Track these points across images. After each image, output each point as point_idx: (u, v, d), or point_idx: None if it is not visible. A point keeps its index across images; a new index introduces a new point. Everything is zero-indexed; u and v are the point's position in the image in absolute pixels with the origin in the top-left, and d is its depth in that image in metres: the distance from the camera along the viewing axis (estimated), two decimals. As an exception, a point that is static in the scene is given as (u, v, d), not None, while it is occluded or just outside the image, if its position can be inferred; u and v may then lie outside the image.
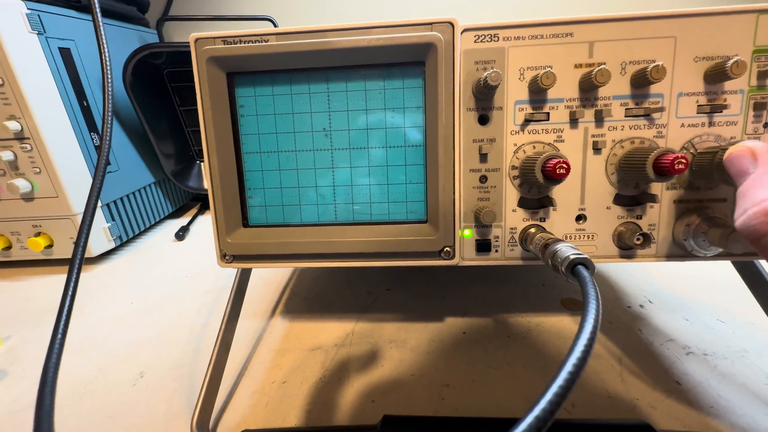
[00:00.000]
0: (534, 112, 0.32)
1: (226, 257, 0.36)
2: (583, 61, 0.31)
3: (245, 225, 0.37)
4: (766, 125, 0.31)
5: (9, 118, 0.57)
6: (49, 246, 0.65)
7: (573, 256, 0.24)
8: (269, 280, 0.59)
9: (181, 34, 0.98)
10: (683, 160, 0.27)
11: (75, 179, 0.63)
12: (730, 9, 0.30)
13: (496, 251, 0.35)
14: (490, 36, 0.31)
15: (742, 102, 0.31)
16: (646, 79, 0.30)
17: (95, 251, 0.67)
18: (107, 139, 0.36)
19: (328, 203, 0.36)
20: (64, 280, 0.29)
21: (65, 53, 0.62)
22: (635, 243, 0.32)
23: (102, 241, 0.68)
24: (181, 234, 0.77)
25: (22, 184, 0.59)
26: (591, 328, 0.17)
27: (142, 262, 0.69)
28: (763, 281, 0.36)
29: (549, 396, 0.15)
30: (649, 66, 0.29)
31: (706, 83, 0.31)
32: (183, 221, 0.87)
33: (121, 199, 0.73)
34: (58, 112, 0.61)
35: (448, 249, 0.34)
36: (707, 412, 0.33)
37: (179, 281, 0.61)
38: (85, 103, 0.66)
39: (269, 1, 0.97)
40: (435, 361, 0.41)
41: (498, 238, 0.35)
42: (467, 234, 0.35)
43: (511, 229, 0.34)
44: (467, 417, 0.33)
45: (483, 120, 0.33)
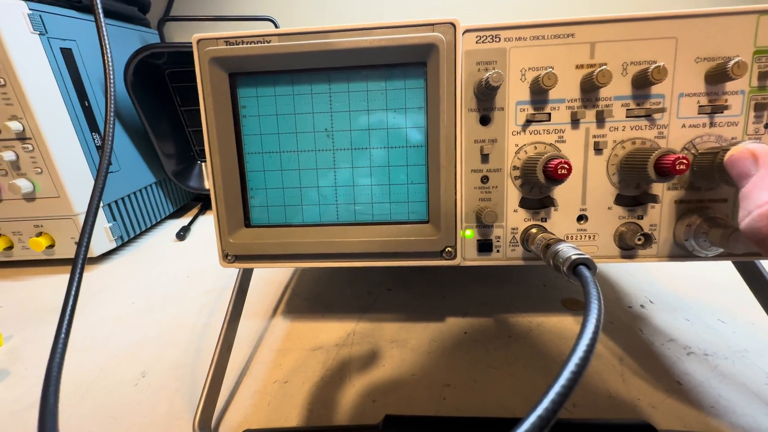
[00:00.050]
0: (535, 112, 0.32)
1: (228, 257, 0.36)
2: (585, 61, 0.31)
3: (247, 225, 0.37)
4: (767, 126, 0.31)
5: (11, 118, 0.57)
6: (51, 246, 0.65)
7: (575, 257, 0.24)
8: (270, 281, 0.59)
9: (182, 34, 0.98)
10: (684, 161, 0.27)
11: (76, 179, 0.63)
12: (730, 10, 0.30)
13: (498, 251, 0.35)
14: (491, 37, 0.32)
15: (742, 103, 0.31)
16: (648, 80, 0.30)
17: (97, 251, 0.67)
18: (109, 140, 0.36)
19: (330, 203, 0.36)
20: (66, 279, 0.29)
21: (67, 53, 0.62)
22: (636, 243, 0.32)
23: (103, 241, 0.68)
24: (182, 234, 0.77)
25: (23, 184, 0.60)
26: (593, 327, 0.17)
27: (144, 262, 0.69)
28: (763, 281, 0.36)
29: (552, 395, 0.15)
30: (651, 67, 0.29)
31: (707, 84, 0.31)
32: (184, 221, 0.87)
33: (123, 199, 0.73)
34: (60, 113, 0.61)
35: (449, 249, 0.34)
36: (708, 411, 0.33)
37: (180, 281, 0.61)
38: (87, 104, 0.66)
39: (270, 2, 0.97)
40: (436, 361, 0.41)
41: (499, 238, 0.35)
42: (469, 234, 0.35)
43: (513, 229, 0.34)
44: (468, 417, 0.33)
45: (484, 120, 0.33)
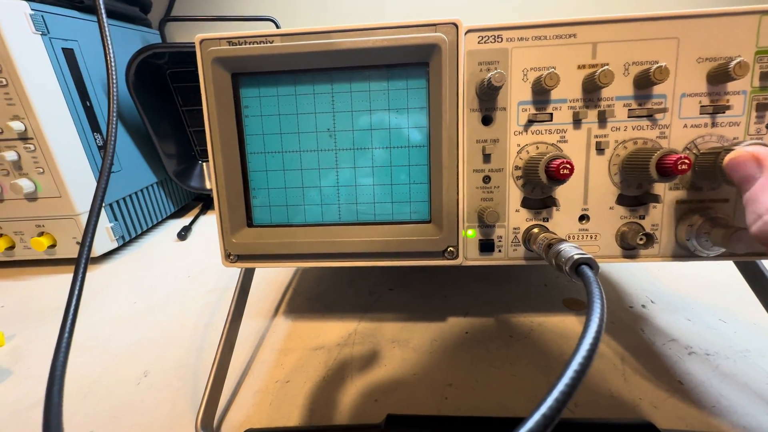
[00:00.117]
0: (537, 112, 0.32)
1: (231, 257, 0.36)
2: (587, 61, 0.31)
3: (249, 225, 0.37)
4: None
5: (13, 118, 0.57)
6: (52, 246, 0.65)
7: (577, 256, 0.24)
8: (272, 280, 0.59)
9: (184, 34, 0.98)
10: (686, 161, 0.27)
11: (78, 179, 0.63)
12: (732, 10, 0.30)
13: (500, 251, 0.35)
14: (493, 37, 0.32)
15: (744, 103, 0.31)
16: (649, 80, 0.30)
17: (98, 251, 0.67)
18: (112, 140, 0.36)
19: (332, 203, 0.36)
20: (67, 279, 0.29)
21: (68, 54, 0.63)
22: (638, 243, 0.32)
23: (105, 241, 0.68)
24: (183, 234, 0.78)
25: (25, 184, 0.60)
26: (596, 327, 0.17)
27: (145, 262, 0.69)
28: (765, 281, 0.36)
29: (555, 394, 0.15)
30: (652, 67, 0.29)
31: (708, 84, 0.31)
32: (185, 221, 0.87)
33: (124, 199, 0.73)
34: (62, 113, 0.61)
35: (451, 249, 0.34)
36: (709, 411, 0.33)
37: (182, 281, 0.61)
38: (88, 104, 0.66)
39: (271, 2, 0.97)
40: (437, 361, 0.41)
41: (501, 238, 0.35)
42: (471, 234, 0.35)
43: (515, 229, 0.34)
44: (470, 416, 0.33)
45: (486, 120, 0.33)
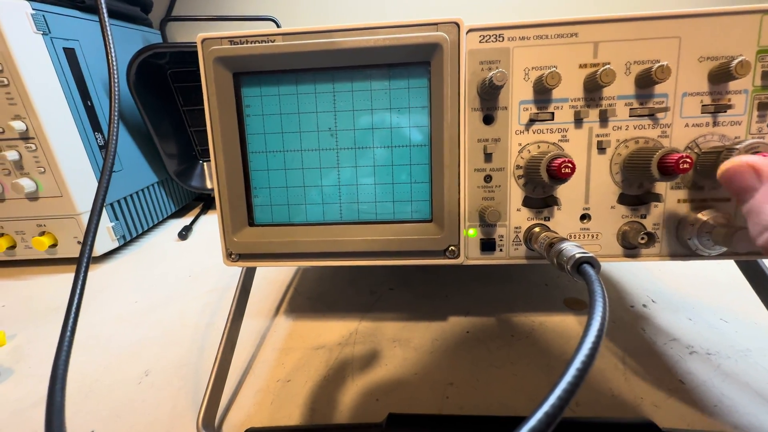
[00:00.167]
0: (539, 111, 0.32)
1: (232, 256, 0.36)
2: (588, 61, 0.31)
3: (251, 224, 0.37)
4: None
5: (14, 117, 0.57)
6: (54, 245, 0.65)
7: (579, 255, 0.24)
8: (272, 280, 0.59)
9: (184, 34, 0.98)
10: (688, 160, 0.27)
11: (79, 179, 0.63)
12: (734, 9, 0.30)
13: (501, 250, 0.35)
14: (495, 36, 0.32)
15: (746, 102, 0.31)
16: (651, 79, 0.30)
17: (99, 251, 0.67)
18: (114, 140, 0.37)
19: (334, 202, 0.36)
20: (68, 279, 0.29)
21: (70, 53, 0.63)
22: (639, 242, 0.32)
23: (106, 240, 0.68)
24: (184, 233, 0.78)
25: (26, 184, 0.60)
26: (598, 325, 0.17)
27: (146, 262, 0.69)
28: (766, 280, 0.36)
29: (558, 393, 0.15)
30: (654, 66, 0.29)
31: (710, 83, 0.31)
32: (186, 221, 0.87)
33: (125, 198, 0.73)
34: (63, 112, 0.61)
35: (453, 248, 0.35)
36: (711, 411, 0.33)
37: (183, 280, 0.61)
38: (89, 103, 0.66)
39: (272, 2, 0.97)
40: (438, 360, 0.41)
41: (502, 237, 0.35)
42: (472, 233, 0.35)
43: (516, 228, 0.34)
44: (471, 415, 0.33)
45: (488, 120, 0.33)
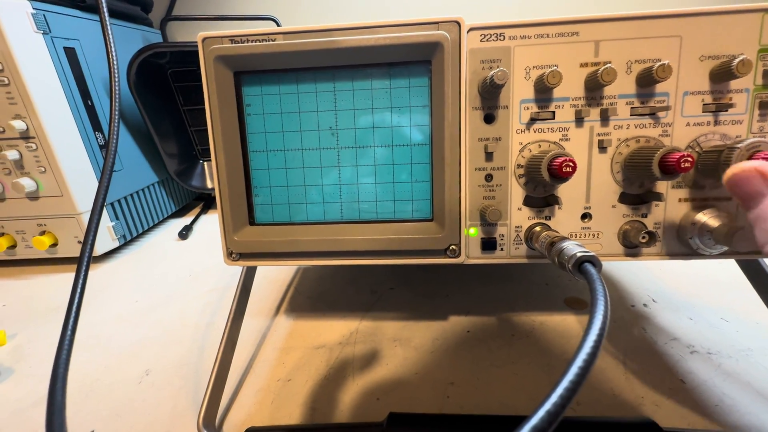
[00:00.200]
0: (539, 110, 0.32)
1: (233, 255, 0.36)
2: (589, 60, 0.31)
3: (251, 223, 0.37)
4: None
5: (14, 117, 0.57)
6: (54, 245, 0.65)
7: (580, 254, 0.24)
8: (273, 279, 0.59)
9: (185, 34, 0.98)
10: (689, 159, 0.27)
11: (79, 178, 0.63)
12: (735, 8, 0.30)
13: (502, 249, 0.35)
14: (496, 35, 0.32)
15: (747, 101, 0.31)
16: (652, 78, 0.30)
17: (99, 250, 0.67)
18: (114, 139, 0.36)
19: (334, 201, 0.36)
20: (68, 278, 0.29)
21: (70, 53, 0.63)
22: (640, 241, 0.32)
23: (106, 240, 0.68)
24: (184, 233, 0.78)
25: (27, 183, 0.60)
26: (600, 324, 0.17)
27: (146, 261, 0.69)
28: (767, 280, 0.36)
29: (560, 391, 0.15)
30: (655, 65, 0.29)
31: (711, 82, 0.31)
32: (186, 220, 0.87)
33: (125, 198, 0.73)
34: (63, 112, 0.61)
35: (453, 247, 0.34)
36: (712, 410, 0.33)
37: (183, 280, 0.61)
38: (90, 103, 0.66)
39: (272, 1, 0.97)
40: (439, 360, 0.41)
41: (503, 236, 0.35)
42: (473, 232, 0.35)
43: (517, 227, 0.34)
44: (472, 415, 0.33)
45: (489, 119, 0.33)
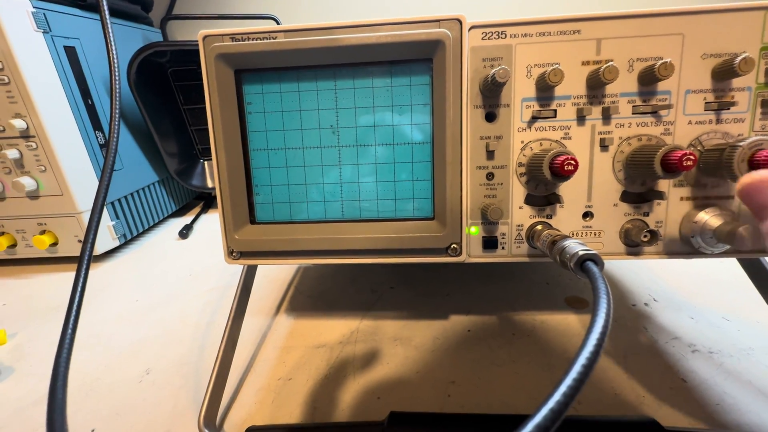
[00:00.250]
0: (541, 109, 0.32)
1: (234, 254, 0.36)
2: (591, 58, 0.31)
3: (252, 222, 0.37)
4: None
5: (15, 116, 0.57)
6: (54, 244, 0.65)
7: (582, 252, 0.24)
8: (273, 279, 0.59)
9: (185, 33, 0.98)
10: (692, 157, 0.27)
11: (80, 177, 0.63)
12: (737, 6, 0.30)
13: (503, 248, 0.35)
14: (497, 33, 0.31)
15: (749, 99, 0.31)
16: (654, 76, 0.30)
17: (100, 249, 0.67)
18: (115, 138, 0.36)
19: (335, 200, 0.36)
20: (69, 277, 0.29)
21: (70, 52, 0.62)
22: (642, 240, 0.32)
23: (106, 239, 0.68)
24: (184, 232, 0.78)
25: (27, 182, 0.60)
26: (603, 322, 0.17)
27: (146, 260, 0.69)
28: (769, 279, 0.36)
29: (563, 389, 0.15)
30: (657, 63, 0.29)
31: (713, 80, 0.31)
32: (186, 220, 0.87)
33: (126, 197, 0.73)
34: (64, 111, 0.61)
35: (455, 246, 0.34)
36: (713, 409, 0.33)
37: (183, 279, 0.61)
38: (90, 102, 0.66)
39: (273, 0, 0.97)
40: (440, 359, 0.41)
41: (504, 235, 0.35)
42: (474, 231, 0.35)
43: (518, 226, 0.34)
44: (473, 414, 0.33)
45: (490, 117, 0.33)
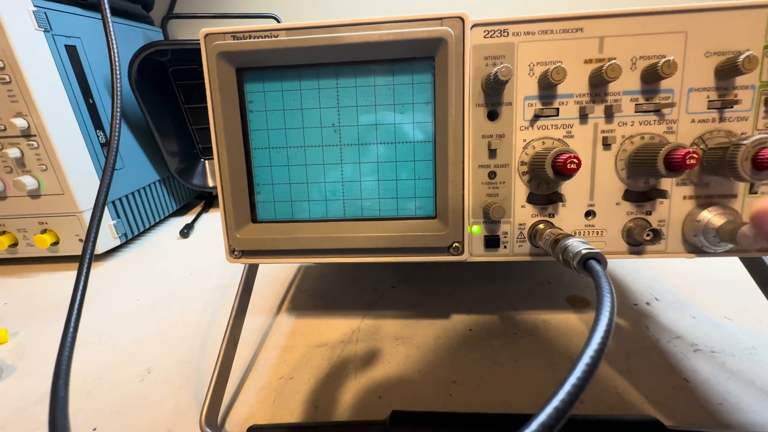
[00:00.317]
0: (543, 107, 0.32)
1: (235, 252, 0.36)
2: (594, 56, 0.31)
3: (254, 220, 0.37)
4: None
5: (16, 115, 0.57)
6: (55, 243, 0.65)
7: (585, 251, 0.24)
8: (274, 278, 0.59)
9: (186, 32, 0.98)
10: (695, 155, 0.27)
11: (81, 177, 0.63)
12: (741, 4, 0.29)
13: (505, 247, 0.35)
14: (499, 31, 0.31)
15: (753, 97, 0.31)
16: (657, 75, 0.29)
17: (101, 248, 0.67)
18: (116, 137, 0.36)
19: (337, 199, 0.36)
20: (70, 276, 0.29)
21: (71, 51, 0.62)
22: (645, 239, 0.32)
23: (107, 238, 0.68)
24: (185, 232, 0.78)
25: (28, 181, 0.60)
26: (607, 320, 0.17)
27: (147, 260, 0.69)
28: (772, 278, 0.36)
29: (567, 388, 0.15)
30: (660, 61, 0.29)
31: (716, 78, 0.31)
32: (187, 219, 0.87)
33: (127, 196, 0.73)
34: (65, 110, 0.61)
35: (457, 245, 0.34)
36: (715, 408, 0.33)
37: (184, 278, 0.61)
38: (91, 101, 0.66)
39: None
40: (441, 358, 0.41)
41: (507, 234, 0.35)
42: (476, 230, 0.35)
43: (520, 224, 0.34)
44: (475, 413, 0.33)
45: (492, 116, 0.33)
